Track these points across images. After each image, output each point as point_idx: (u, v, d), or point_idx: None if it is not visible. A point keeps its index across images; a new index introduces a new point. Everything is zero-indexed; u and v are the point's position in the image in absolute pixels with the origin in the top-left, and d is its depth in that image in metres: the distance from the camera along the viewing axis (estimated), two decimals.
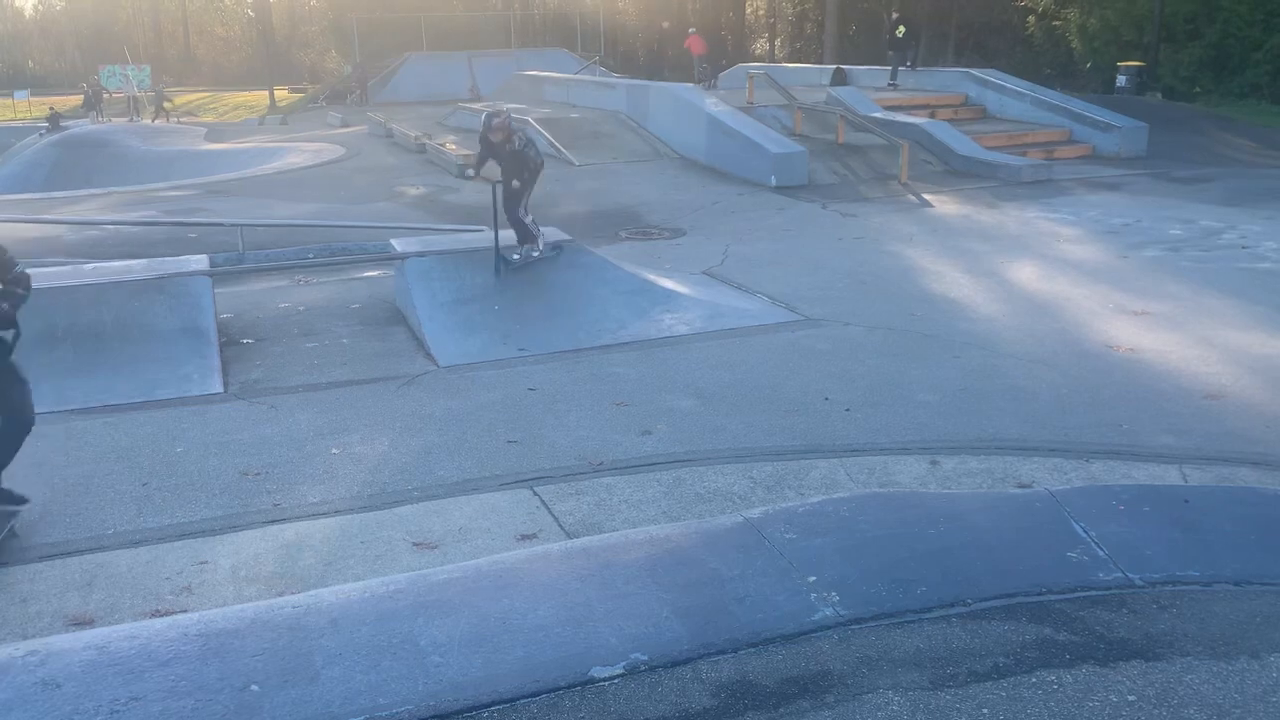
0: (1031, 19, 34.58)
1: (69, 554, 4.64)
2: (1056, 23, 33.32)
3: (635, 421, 6.21)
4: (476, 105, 25.48)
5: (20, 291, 4.79)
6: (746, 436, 5.90)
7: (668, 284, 9.31)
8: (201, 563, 4.53)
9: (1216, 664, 3.32)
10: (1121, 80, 26.28)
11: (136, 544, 4.73)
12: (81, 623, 4.01)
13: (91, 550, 4.69)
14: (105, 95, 36.25)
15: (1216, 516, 4.46)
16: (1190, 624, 3.57)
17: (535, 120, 20.04)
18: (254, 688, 3.23)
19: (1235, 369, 6.94)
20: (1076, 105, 19.98)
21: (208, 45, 67.82)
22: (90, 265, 8.71)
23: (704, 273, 10.26)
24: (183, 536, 4.81)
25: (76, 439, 6.10)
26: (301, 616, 3.63)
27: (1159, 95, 25.83)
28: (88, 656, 3.40)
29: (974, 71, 22.45)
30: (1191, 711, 3.08)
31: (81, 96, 39.57)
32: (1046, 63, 33.68)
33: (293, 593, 4.05)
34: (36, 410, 4.97)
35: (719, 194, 15.45)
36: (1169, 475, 5.13)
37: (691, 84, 22.23)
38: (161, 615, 3.97)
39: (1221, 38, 27.04)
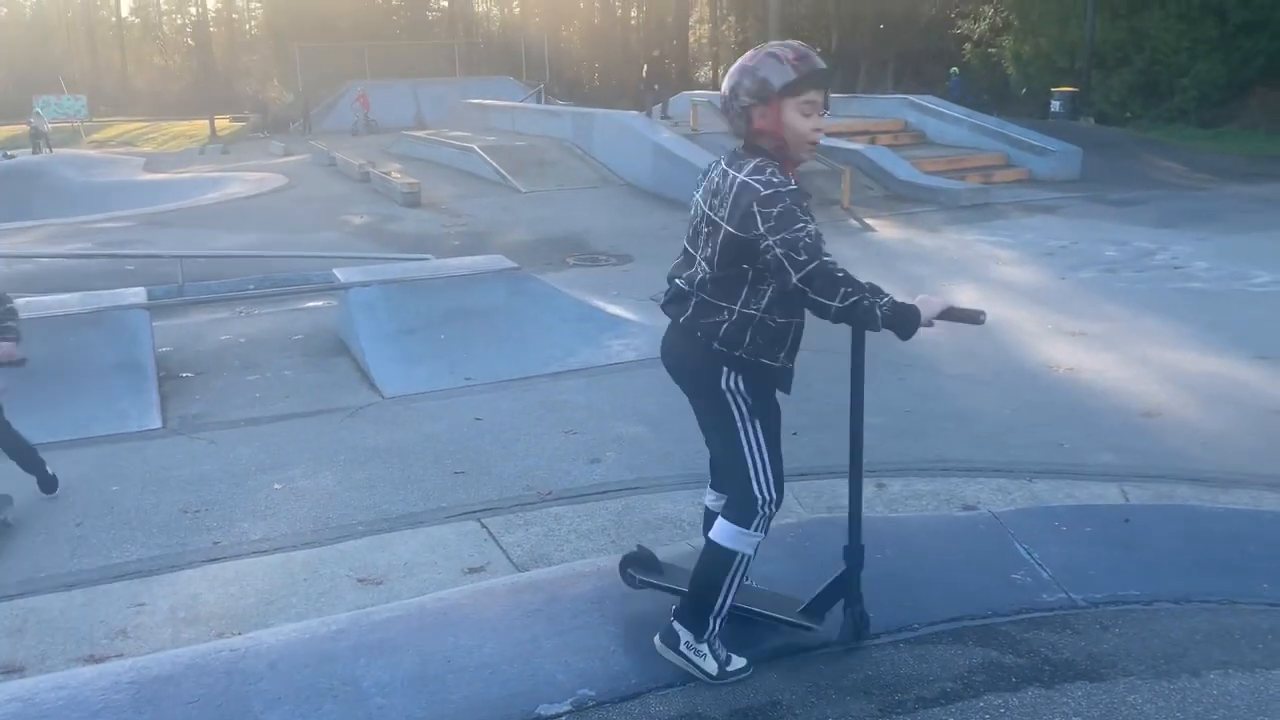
0: (969, 46, 35.38)
1: None
2: (992, 50, 34.14)
3: (584, 449, 6.17)
4: (422, 133, 25.43)
5: (13, 324, 5.37)
6: (695, 463, 5.86)
7: (616, 310, 9.31)
8: (139, 605, 4.40)
9: (1159, 683, 3.35)
10: (1055, 105, 26.99)
11: (70, 586, 4.59)
12: (11, 670, 3.87)
13: (23, 595, 4.53)
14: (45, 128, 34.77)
15: (1156, 534, 4.53)
16: (1133, 643, 3.61)
17: (481, 148, 20.04)
18: None
19: (1170, 387, 7.09)
20: (1013, 130, 20.44)
21: (146, 75, 66.96)
22: (22, 300, 8.47)
23: (652, 299, 10.26)
24: (119, 578, 4.67)
25: (6, 479, 5.91)
26: (239, 660, 3.53)
27: (1091, 120, 26.53)
28: (12, 709, 3.27)
29: (913, 98, 22.88)
30: None
31: (16, 128, 38.62)
32: (983, 89, 34.45)
33: (233, 634, 3.94)
34: None
35: (665, 220, 15.52)
36: (1110, 494, 5.20)
37: (637, 112, 22.36)
38: (96, 661, 3.84)
39: (1149, 64, 27.91)
